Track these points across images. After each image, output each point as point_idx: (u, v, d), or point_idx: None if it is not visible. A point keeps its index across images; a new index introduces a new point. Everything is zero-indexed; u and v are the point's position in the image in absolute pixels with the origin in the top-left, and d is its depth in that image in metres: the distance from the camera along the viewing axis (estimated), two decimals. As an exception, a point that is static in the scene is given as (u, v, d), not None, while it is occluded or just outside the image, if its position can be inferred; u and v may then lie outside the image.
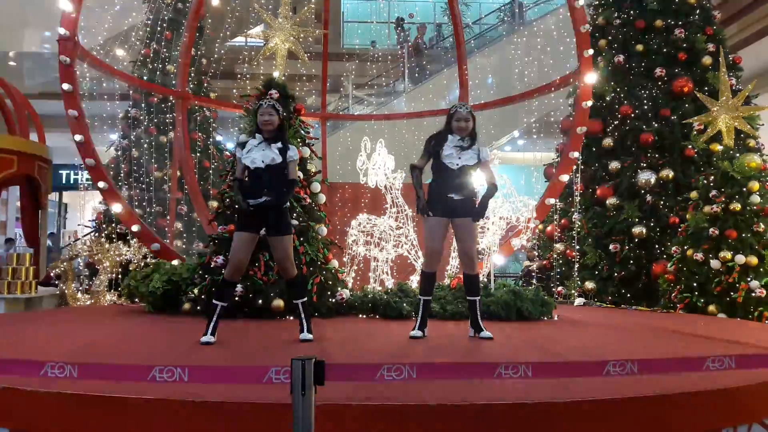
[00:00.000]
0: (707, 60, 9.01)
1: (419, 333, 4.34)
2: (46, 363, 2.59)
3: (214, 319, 4.00)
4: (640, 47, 9.25)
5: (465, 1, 15.66)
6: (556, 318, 5.81)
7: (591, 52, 7.68)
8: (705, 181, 7.35)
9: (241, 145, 4.35)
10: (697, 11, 9.36)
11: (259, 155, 4.15)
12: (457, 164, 4.41)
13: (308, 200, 6.27)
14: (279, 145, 4.20)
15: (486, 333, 4.31)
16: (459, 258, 4.62)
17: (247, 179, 4.22)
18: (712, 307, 6.81)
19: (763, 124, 8.35)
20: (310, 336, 4.08)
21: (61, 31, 6.83)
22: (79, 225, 14.22)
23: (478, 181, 4.63)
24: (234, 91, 13.10)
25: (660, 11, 9.32)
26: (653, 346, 4.05)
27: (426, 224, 4.48)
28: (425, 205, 4.41)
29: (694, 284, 7.02)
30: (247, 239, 4.10)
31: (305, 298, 4.26)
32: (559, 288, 8.75)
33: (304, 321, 4.17)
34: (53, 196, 18.07)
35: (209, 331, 3.95)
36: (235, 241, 4.14)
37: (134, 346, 3.73)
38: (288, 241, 4.18)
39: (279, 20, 8.19)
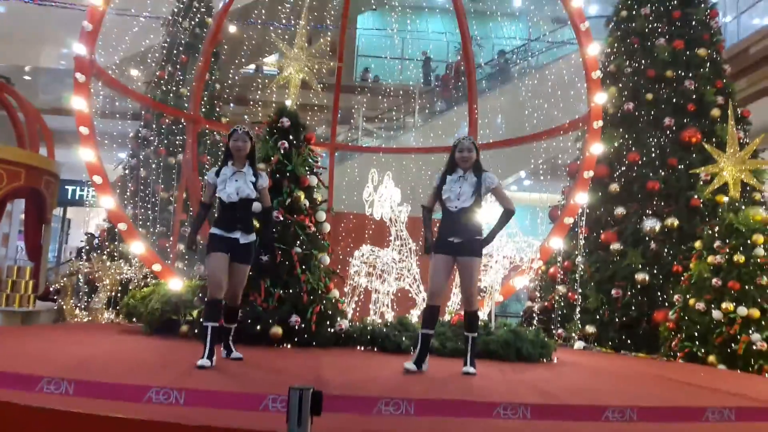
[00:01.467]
0: (716, 112, 9.09)
1: (413, 367, 4.25)
2: (42, 378, 2.58)
3: (208, 342, 4.04)
4: (649, 96, 9.34)
5: (479, 42, 15.91)
6: (555, 360, 5.75)
7: (600, 124, 7.75)
8: (710, 232, 7.34)
9: (216, 173, 4.44)
10: (708, 64, 9.48)
11: (233, 188, 4.27)
12: (455, 207, 4.46)
13: (313, 228, 6.28)
14: (252, 177, 4.34)
15: (469, 368, 4.30)
16: (461, 295, 4.63)
17: (216, 209, 4.43)
18: (712, 358, 6.72)
19: (769, 180, 8.38)
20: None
21: (78, 48, 6.93)
22: (81, 242, 14.23)
23: (489, 214, 4.68)
24: (245, 117, 13.24)
25: (671, 62, 9.44)
26: (652, 393, 3.99)
27: (431, 260, 4.55)
28: (431, 245, 4.54)
29: (695, 334, 6.96)
30: (222, 257, 4.23)
31: (235, 325, 4.55)
32: (560, 330, 8.67)
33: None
34: (57, 211, 18.14)
35: (206, 355, 3.96)
36: (211, 260, 4.25)
37: (131, 366, 3.69)
38: (247, 270, 4.41)
39: (294, 50, 8.33)
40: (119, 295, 8.16)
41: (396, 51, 17.58)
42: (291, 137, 6.47)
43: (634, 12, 9.93)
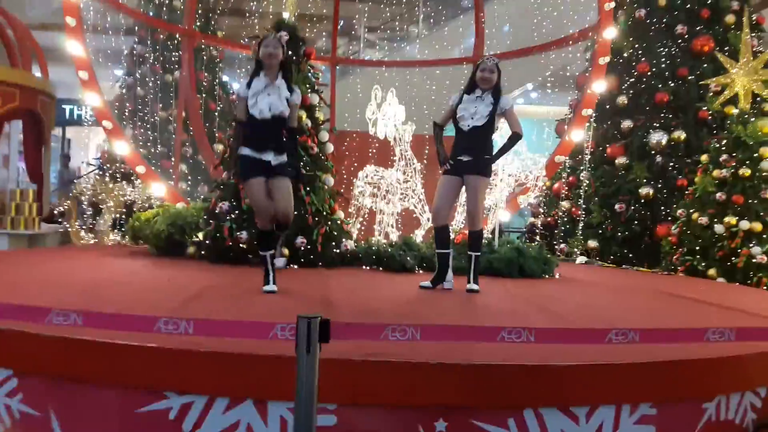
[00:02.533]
0: (730, 18, 8.72)
1: (428, 284, 4.45)
2: (51, 310, 2.62)
3: (270, 270, 3.97)
4: (662, 1, 8.94)
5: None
6: (557, 276, 5.83)
7: (612, 5, 7.41)
8: (716, 145, 7.23)
9: (247, 84, 4.05)
10: (723, -34, 8.99)
11: (266, 103, 3.92)
12: (468, 125, 4.42)
13: (315, 149, 6.20)
14: (285, 92, 3.98)
15: (473, 285, 4.39)
16: (465, 214, 4.66)
17: (249, 126, 4.00)
18: (712, 271, 6.82)
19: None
20: (274, 288, 3.94)
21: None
22: (83, 162, 14.17)
23: (500, 133, 4.63)
24: (242, 31, 12.76)
25: (684, -34, 8.96)
26: (654, 311, 4.07)
27: (439, 180, 4.55)
28: (446, 157, 4.50)
29: (697, 248, 7.01)
30: (259, 183, 3.95)
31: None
32: (562, 245, 8.76)
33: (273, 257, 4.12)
34: (57, 131, 17.93)
35: (271, 281, 3.93)
36: (250, 189, 3.99)
37: (139, 293, 3.75)
38: (288, 184, 4.02)
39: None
40: (124, 216, 8.20)
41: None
42: (290, 52, 6.25)
43: None
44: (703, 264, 6.89)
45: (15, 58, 9.45)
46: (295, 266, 5.66)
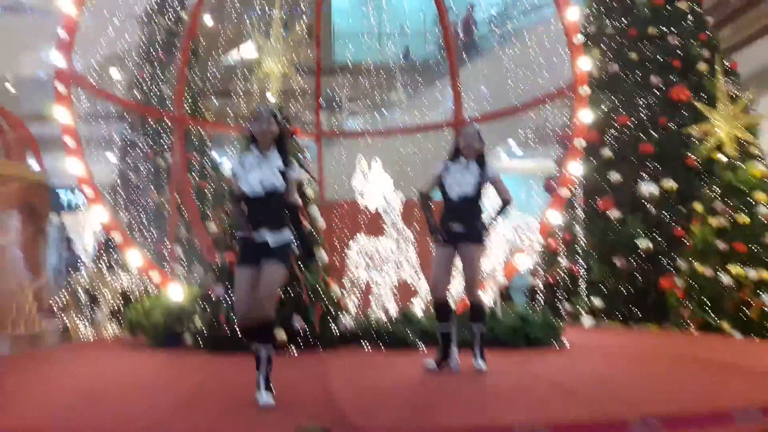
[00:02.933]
0: (703, 66, 8.95)
1: (433, 365, 4.37)
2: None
3: (263, 370, 3.45)
4: (634, 56, 9.18)
5: (456, 12, 15.61)
6: (566, 343, 5.70)
7: (587, 66, 7.56)
8: (709, 192, 7.24)
9: (240, 163, 3.76)
10: (690, 17, 9.30)
11: (257, 178, 3.60)
12: (456, 194, 4.45)
13: (307, 226, 6.20)
14: (279, 163, 3.66)
15: (480, 364, 4.33)
16: (464, 284, 4.64)
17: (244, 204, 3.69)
18: (725, 325, 6.63)
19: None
20: (268, 401, 3.37)
21: (56, 58, 6.76)
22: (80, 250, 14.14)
23: (488, 202, 4.66)
24: (230, 110, 13.01)
25: (652, 19, 9.26)
26: (674, 383, 3.86)
27: (434, 253, 4.55)
28: (436, 228, 4.49)
29: (705, 300, 6.87)
30: (247, 273, 3.56)
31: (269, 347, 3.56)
32: (566, 306, 8.60)
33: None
34: (54, 217, 17.99)
35: (263, 388, 3.40)
36: (236, 277, 3.66)
37: (135, 400, 3.63)
38: (275, 270, 3.54)
39: (271, 42, 8.16)
40: (121, 305, 8.12)
41: (373, 29, 17.23)
42: (286, 123, 6.35)
43: (610, -30, 9.71)
44: (715, 318, 6.75)
45: (10, 150, 9.61)
46: (294, 351, 5.53)
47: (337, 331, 5.87)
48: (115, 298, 8.30)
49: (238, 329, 3.82)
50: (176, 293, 6.59)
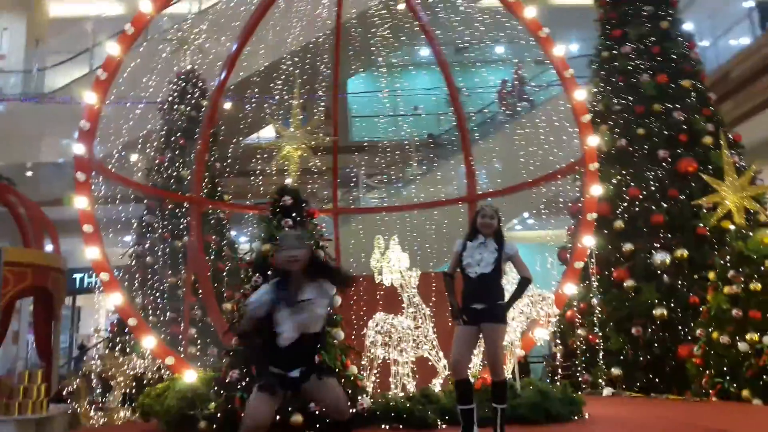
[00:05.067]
0: (708, 139, 9.17)
1: None
2: None
3: None
4: (641, 131, 9.43)
5: (467, 92, 16.21)
6: (587, 417, 5.58)
7: (595, 143, 7.75)
8: (721, 262, 7.29)
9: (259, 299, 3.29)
10: (693, 93, 9.60)
11: (289, 322, 3.15)
12: (476, 272, 4.45)
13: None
14: (313, 293, 3.18)
15: None
16: (487, 363, 4.60)
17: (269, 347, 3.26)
18: (746, 392, 6.57)
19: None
20: None
21: (77, 147, 6.92)
22: (92, 330, 14.15)
23: (507, 280, 4.67)
24: (249, 191, 13.27)
25: (657, 96, 9.56)
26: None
27: (455, 331, 4.51)
28: (459, 310, 4.46)
29: (724, 368, 6.82)
30: (268, 402, 3.23)
31: None
32: (585, 376, 8.49)
33: None
34: (67, 300, 18.08)
35: None
36: (253, 399, 3.25)
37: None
38: (334, 382, 3.38)
39: (290, 129, 8.45)
40: (134, 390, 8.02)
41: (388, 110, 17.93)
42: (294, 214, 6.49)
43: (615, 51, 10.15)
44: (734, 386, 6.67)
45: (27, 236, 9.79)
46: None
47: (354, 411, 5.75)
48: (128, 382, 8.21)
49: None
50: (190, 377, 6.54)
